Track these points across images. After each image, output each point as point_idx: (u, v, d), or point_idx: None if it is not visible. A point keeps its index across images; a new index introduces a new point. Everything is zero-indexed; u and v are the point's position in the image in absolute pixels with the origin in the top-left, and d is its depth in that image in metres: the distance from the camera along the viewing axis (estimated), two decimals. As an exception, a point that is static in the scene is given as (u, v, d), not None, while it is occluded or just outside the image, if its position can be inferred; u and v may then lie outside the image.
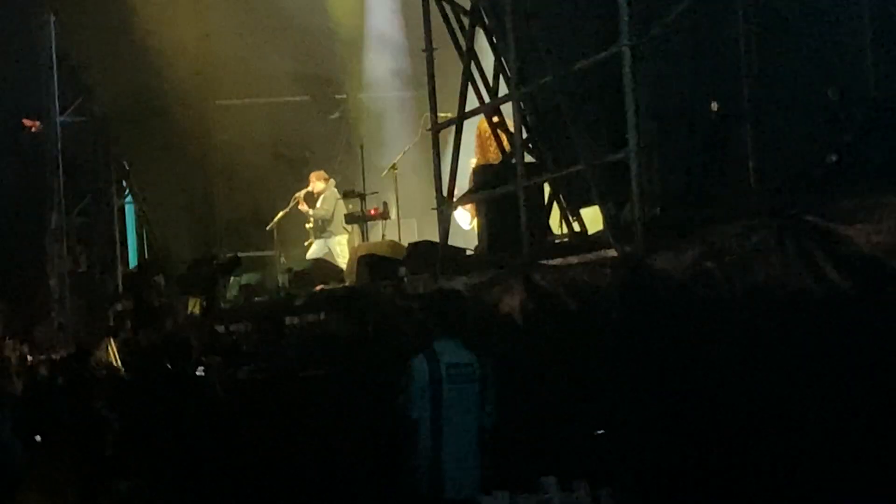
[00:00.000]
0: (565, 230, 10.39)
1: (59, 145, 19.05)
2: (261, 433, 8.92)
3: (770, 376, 5.96)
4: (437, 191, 10.31)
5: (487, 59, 10.58)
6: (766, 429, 5.93)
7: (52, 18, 19.16)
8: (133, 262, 19.22)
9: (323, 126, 19.10)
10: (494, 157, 11.30)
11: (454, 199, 10.32)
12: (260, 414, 9.20)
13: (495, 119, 10.61)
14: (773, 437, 5.87)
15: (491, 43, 10.55)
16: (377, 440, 8.04)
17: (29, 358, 15.58)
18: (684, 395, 6.53)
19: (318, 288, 12.82)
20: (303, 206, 16.57)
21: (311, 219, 16.56)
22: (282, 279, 14.73)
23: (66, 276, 18.13)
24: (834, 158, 7.09)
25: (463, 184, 10.88)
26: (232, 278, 15.33)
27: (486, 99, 10.44)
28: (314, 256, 16.11)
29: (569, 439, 7.39)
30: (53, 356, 15.23)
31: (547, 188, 10.20)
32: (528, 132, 10.13)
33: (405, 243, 12.49)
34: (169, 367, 10.58)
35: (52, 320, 17.66)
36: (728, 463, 6.20)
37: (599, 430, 7.18)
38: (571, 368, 7.54)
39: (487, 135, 11.26)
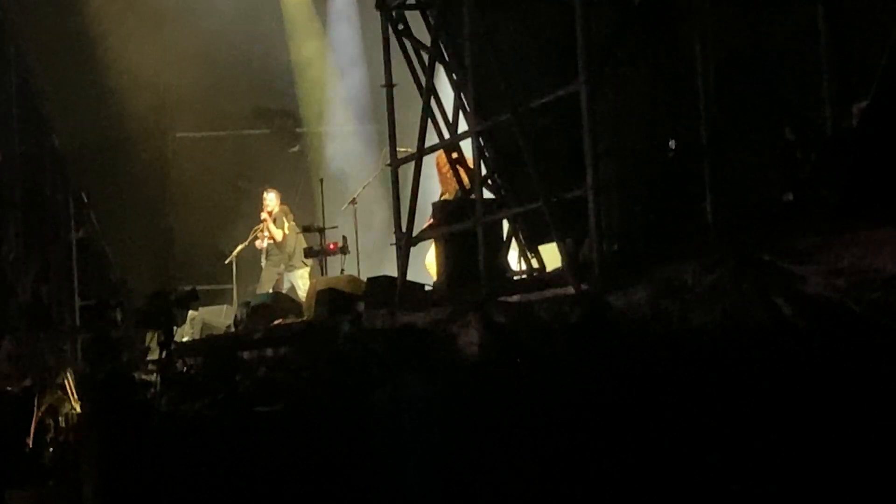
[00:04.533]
0: (524, 266, 10.40)
1: (18, 176, 18.91)
2: (212, 468, 8.86)
3: (726, 414, 5.97)
4: (396, 226, 10.31)
5: (447, 95, 10.60)
6: (720, 468, 5.93)
7: (13, 49, 19.08)
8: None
9: (283, 159, 19.13)
10: (455, 188, 11.41)
11: (413, 235, 10.33)
12: (212, 449, 9.14)
13: (454, 155, 10.63)
14: (727, 475, 5.88)
15: (451, 79, 10.58)
16: (334, 477, 8.00)
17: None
18: (641, 433, 6.53)
19: (277, 322, 12.77)
20: (261, 244, 16.61)
21: (268, 251, 16.58)
22: (239, 313, 14.66)
23: (21, 307, 17.95)
24: (790, 197, 7.13)
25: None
26: (189, 311, 15.23)
27: (446, 135, 10.46)
28: (264, 287, 16.14)
29: (525, 474, 7.37)
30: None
31: (506, 224, 10.21)
32: (487, 168, 10.15)
33: (364, 278, 12.48)
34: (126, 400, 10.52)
35: (6, 351, 17.46)
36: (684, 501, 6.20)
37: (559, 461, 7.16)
38: (529, 405, 7.53)
39: (447, 167, 11.31)
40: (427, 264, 12.94)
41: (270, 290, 16.08)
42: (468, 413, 7.41)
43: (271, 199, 16.86)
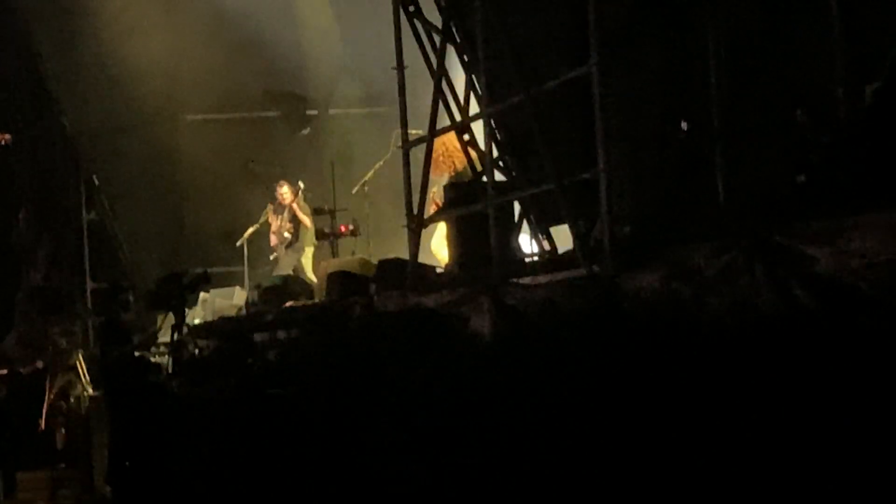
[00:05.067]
0: (536, 248, 10.40)
1: (30, 159, 18.94)
2: (223, 450, 8.88)
3: (738, 397, 5.97)
4: (407, 208, 10.30)
5: (459, 77, 10.59)
6: (734, 451, 5.94)
7: (23, 32, 19.09)
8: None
9: (293, 142, 19.11)
10: (450, 173, 11.51)
11: (424, 217, 10.32)
12: (223, 431, 9.16)
13: (466, 137, 10.62)
14: (739, 459, 5.88)
15: (462, 61, 10.56)
16: (345, 459, 8.01)
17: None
18: (653, 415, 6.53)
19: (288, 304, 12.79)
20: (275, 240, 16.59)
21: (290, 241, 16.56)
22: (251, 295, 14.68)
23: (33, 290, 17.99)
24: (802, 179, 7.11)
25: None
26: (200, 294, 15.26)
27: (458, 117, 10.45)
28: (284, 271, 16.12)
29: (536, 453, 7.38)
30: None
31: (517, 206, 10.20)
32: (498, 150, 10.14)
33: (375, 260, 12.48)
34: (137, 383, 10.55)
35: (17, 334, 17.51)
36: (700, 486, 6.20)
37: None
38: (540, 386, 7.53)
39: (441, 151, 11.36)
40: (433, 249, 12.94)
41: (291, 272, 16.06)
42: (479, 394, 7.41)
43: (286, 192, 16.74)
